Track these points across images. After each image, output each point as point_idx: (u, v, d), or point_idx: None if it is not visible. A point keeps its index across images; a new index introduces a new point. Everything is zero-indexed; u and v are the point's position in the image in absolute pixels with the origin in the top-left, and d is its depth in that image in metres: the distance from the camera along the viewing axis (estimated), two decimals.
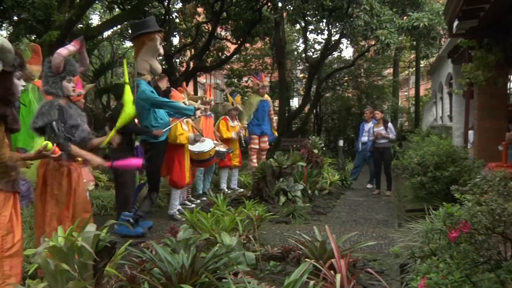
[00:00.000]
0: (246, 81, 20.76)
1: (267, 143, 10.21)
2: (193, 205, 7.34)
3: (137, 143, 6.07)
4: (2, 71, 3.01)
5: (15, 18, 11.92)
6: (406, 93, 32.95)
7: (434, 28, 11.20)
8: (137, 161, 4.54)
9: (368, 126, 9.83)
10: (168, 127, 6.11)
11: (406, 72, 26.29)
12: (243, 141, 9.35)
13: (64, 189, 3.76)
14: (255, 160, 9.94)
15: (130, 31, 6.60)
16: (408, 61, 23.85)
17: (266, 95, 10.01)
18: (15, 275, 3.06)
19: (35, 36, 11.28)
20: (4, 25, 13.40)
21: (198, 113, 7.38)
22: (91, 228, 2.79)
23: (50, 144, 3.18)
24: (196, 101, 8.09)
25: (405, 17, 11.60)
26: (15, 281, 3.04)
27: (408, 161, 7.16)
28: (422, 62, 19.53)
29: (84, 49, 4.14)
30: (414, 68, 21.38)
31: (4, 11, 11.43)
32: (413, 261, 3.50)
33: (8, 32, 14.40)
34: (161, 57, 17.70)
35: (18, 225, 3.14)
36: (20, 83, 3.26)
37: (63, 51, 3.80)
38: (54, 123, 3.64)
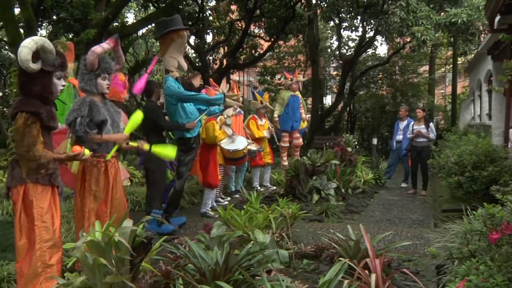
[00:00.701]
0: (279, 79, 20.72)
1: (300, 139, 10.14)
2: (226, 202, 7.38)
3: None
4: (42, 70, 3.09)
5: (54, 17, 12.24)
6: (442, 91, 32.28)
7: (473, 23, 10.89)
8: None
9: (403, 124, 9.67)
10: (199, 118, 6.11)
11: (443, 69, 25.74)
12: (276, 139, 9.33)
13: (101, 185, 3.81)
14: (285, 158, 9.93)
15: (157, 29, 6.61)
16: (445, 58, 23.36)
17: (297, 91, 9.99)
18: (55, 265, 3.16)
19: (72, 34, 11.55)
20: (44, 24, 13.79)
21: (231, 111, 7.40)
22: (128, 223, 2.83)
23: (87, 151, 3.27)
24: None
25: (442, 13, 11.35)
26: (55, 270, 3.14)
27: (445, 160, 7.00)
28: (459, 59, 19.05)
29: (119, 47, 4.17)
30: (451, 65, 20.91)
31: (44, 10, 11.74)
32: (451, 262, 3.42)
33: (48, 31, 14.80)
34: (194, 54, 17.90)
35: (57, 218, 3.23)
36: (60, 83, 3.33)
37: (97, 49, 3.85)
38: (79, 118, 3.68)
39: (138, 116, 4.06)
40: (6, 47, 17.70)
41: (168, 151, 4.21)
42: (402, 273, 3.86)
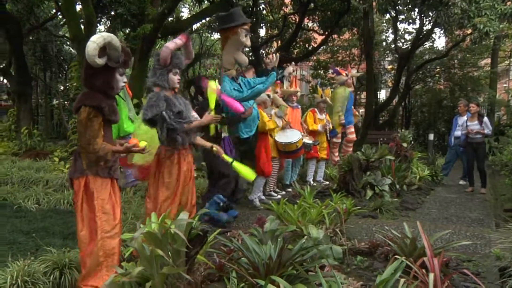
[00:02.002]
0: (333, 73, 20.47)
1: (354, 134, 10.00)
2: (279, 196, 7.37)
3: (224, 134, 6.13)
4: (106, 66, 3.17)
5: (112, 13, 12.62)
6: (505, 85, 30.84)
7: None
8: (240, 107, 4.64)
9: (462, 119, 9.33)
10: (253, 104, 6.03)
11: (506, 62, 24.58)
12: (328, 135, 9.23)
13: (174, 176, 3.97)
14: (336, 154, 9.82)
15: (217, 24, 6.57)
16: (509, 50, 22.28)
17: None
18: (115, 254, 3.26)
19: (129, 29, 11.86)
20: (102, 20, 14.24)
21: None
22: (184, 216, 2.87)
23: (143, 143, 3.34)
24: (290, 95, 8.10)
25: (508, 3, 10.76)
26: (116, 260, 3.25)
27: (508, 157, 6.71)
28: None
29: (190, 42, 4.34)
30: None
31: (103, 7, 12.12)
32: None
33: (106, 27, 15.27)
34: (247, 49, 17.94)
35: (117, 209, 3.33)
36: (122, 79, 3.44)
37: (170, 44, 4.01)
38: (164, 113, 3.85)
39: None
40: (68, 43, 18.43)
41: (247, 171, 4.44)
42: (461, 273, 3.73)
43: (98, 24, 14.23)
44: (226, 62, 5.79)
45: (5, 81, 19.33)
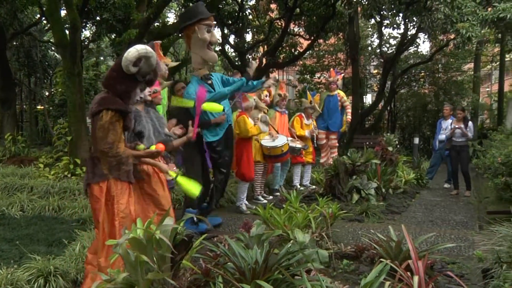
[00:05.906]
0: (319, 77, 20.57)
1: (335, 140, 10.04)
2: (265, 201, 7.38)
3: None
4: (133, 76, 3.20)
5: (98, 18, 12.56)
6: (487, 89, 31.27)
7: None
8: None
9: (446, 123, 9.43)
10: (226, 110, 5.66)
11: (489, 66, 24.92)
12: (315, 140, 9.29)
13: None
14: (323, 155, 9.87)
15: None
16: (491, 55, 22.60)
17: (338, 90, 9.87)
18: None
19: (115, 35, 11.81)
20: (87, 25, 14.18)
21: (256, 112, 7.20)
22: (169, 221, 2.86)
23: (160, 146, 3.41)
24: (279, 100, 8.14)
25: (489, 9, 10.92)
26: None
27: (491, 160, 6.78)
28: (507, 55, 18.36)
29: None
30: (497, 63, 20.21)
31: (88, 12, 12.06)
32: (499, 266, 3.29)
33: (91, 32, 15.19)
34: (233, 54, 17.98)
35: (134, 212, 3.38)
36: (139, 94, 3.49)
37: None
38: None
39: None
40: (53, 48, 18.28)
41: (191, 187, 3.88)
42: (446, 276, 3.78)
43: (83, 29, 14.15)
44: (195, 62, 5.57)
45: None
